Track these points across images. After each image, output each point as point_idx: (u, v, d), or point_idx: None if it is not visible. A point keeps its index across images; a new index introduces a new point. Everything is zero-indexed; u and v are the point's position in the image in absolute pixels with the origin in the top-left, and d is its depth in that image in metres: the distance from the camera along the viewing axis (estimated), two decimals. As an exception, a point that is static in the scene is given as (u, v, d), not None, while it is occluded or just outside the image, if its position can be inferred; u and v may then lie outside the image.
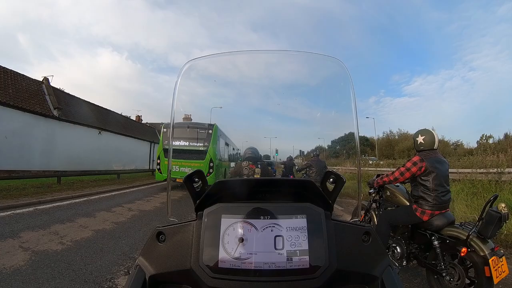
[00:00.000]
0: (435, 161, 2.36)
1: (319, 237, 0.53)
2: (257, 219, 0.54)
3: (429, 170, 2.33)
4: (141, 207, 6.53)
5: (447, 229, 2.28)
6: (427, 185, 2.33)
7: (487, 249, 1.98)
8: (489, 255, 1.95)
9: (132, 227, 4.61)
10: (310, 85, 1.02)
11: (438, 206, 2.32)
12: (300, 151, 6.26)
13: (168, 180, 0.77)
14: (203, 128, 9.20)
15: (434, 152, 2.43)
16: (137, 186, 11.20)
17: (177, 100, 0.69)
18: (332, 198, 0.63)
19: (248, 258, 0.51)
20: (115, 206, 6.53)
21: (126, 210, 6.08)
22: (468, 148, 30.96)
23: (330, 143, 3.43)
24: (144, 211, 6.07)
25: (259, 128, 1.36)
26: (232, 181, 0.66)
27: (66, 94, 15.33)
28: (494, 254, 1.97)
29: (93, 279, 2.57)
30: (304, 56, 0.82)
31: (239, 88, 1.08)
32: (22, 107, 10.82)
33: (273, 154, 2.03)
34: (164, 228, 0.59)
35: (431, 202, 2.32)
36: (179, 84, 0.69)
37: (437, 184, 2.31)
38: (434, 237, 2.33)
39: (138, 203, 7.16)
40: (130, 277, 0.55)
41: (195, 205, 0.61)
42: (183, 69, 0.70)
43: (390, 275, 0.54)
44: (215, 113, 1.44)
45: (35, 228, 4.17)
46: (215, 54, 0.76)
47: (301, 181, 0.68)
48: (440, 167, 2.35)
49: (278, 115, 1.14)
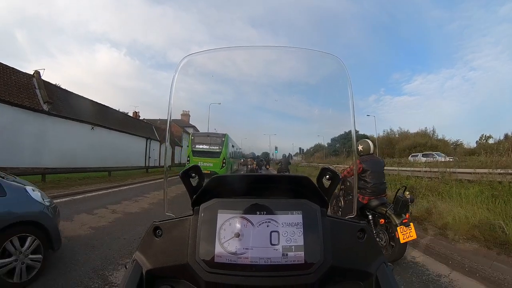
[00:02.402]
0: (371, 162, 3.44)
1: (315, 233, 0.53)
2: (253, 215, 0.54)
3: (365, 170, 3.39)
4: (127, 209, 6.07)
5: (379, 208, 3.33)
6: (366, 180, 3.39)
7: (397, 220, 3.04)
8: (398, 224, 3.01)
9: (111, 233, 4.15)
10: (308, 82, 1.01)
11: (375, 194, 3.37)
12: (300, 149, 6.93)
13: (165, 177, 0.74)
14: (218, 137, 13.48)
15: (371, 155, 3.57)
16: (129, 184, 10.76)
17: (175, 96, 0.68)
18: (328, 195, 0.63)
19: (244, 253, 0.51)
20: (99, 207, 6.06)
21: (109, 213, 5.62)
22: (469, 148, 30.86)
23: (330, 141, 4.36)
24: (129, 214, 5.61)
25: (257, 125, 1.33)
26: (229, 176, 0.64)
27: (60, 88, 14.90)
28: (402, 224, 3.01)
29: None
30: (302, 53, 0.82)
31: (236, 84, 1.07)
32: (10, 101, 10.38)
33: (272, 152, 2.80)
34: (161, 223, 0.59)
35: (368, 191, 3.37)
36: (176, 79, 0.68)
37: (372, 178, 3.36)
38: (369, 213, 3.42)
39: (125, 204, 6.70)
40: (127, 271, 0.55)
41: (191, 200, 0.61)
42: (180, 64, 0.69)
43: (384, 272, 0.55)
44: (213, 110, 1.43)
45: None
46: (212, 50, 0.76)
47: (297, 177, 0.64)
48: (375, 166, 3.43)
49: (276, 112, 1.15)
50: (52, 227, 2.66)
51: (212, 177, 0.61)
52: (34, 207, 2.58)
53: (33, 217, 2.52)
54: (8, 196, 2.35)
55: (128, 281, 0.52)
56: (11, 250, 2.31)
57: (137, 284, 0.52)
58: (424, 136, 33.74)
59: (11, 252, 2.31)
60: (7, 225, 2.28)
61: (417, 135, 34.64)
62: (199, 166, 0.68)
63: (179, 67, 0.69)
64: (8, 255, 2.29)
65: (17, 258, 2.33)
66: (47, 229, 2.60)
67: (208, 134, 13.51)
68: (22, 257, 2.38)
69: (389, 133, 39.81)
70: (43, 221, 2.58)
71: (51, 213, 2.75)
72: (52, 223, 2.69)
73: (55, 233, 2.71)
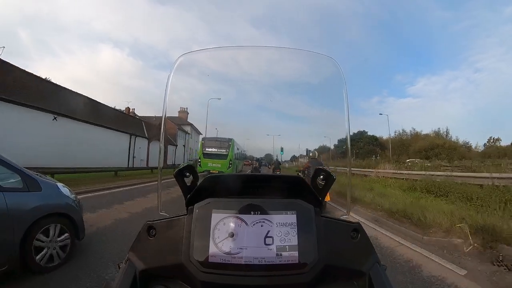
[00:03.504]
0: (313, 162, 5.85)
1: (309, 233, 0.54)
2: (248, 214, 0.54)
3: (309, 166, 5.76)
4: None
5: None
6: (309, 171, 5.51)
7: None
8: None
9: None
10: (304, 82, 1.01)
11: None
12: (307, 150, 7.16)
13: (159, 176, 0.77)
14: (225, 141, 15.21)
15: (315, 159, 5.94)
16: (84, 193, 6.99)
17: (170, 93, 0.68)
18: (322, 195, 0.63)
19: (238, 253, 0.51)
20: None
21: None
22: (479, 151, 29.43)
23: (337, 142, 4.64)
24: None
25: (257, 124, 1.38)
26: (223, 176, 0.65)
27: (27, 73, 11.96)
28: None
29: None
30: (299, 54, 0.82)
31: (233, 83, 1.07)
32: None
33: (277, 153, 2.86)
34: (154, 223, 0.59)
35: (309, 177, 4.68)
36: (172, 77, 0.68)
37: (312, 170, 4.92)
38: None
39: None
40: (121, 271, 0.55)
41: (186, 199, 0.61)
42: (176, 63, 0.69)
43: (377, 271, 0.55)
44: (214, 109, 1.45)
45: None
46: (208, 49, 0.76)
47: (291, 177, 0.67)
48: (315, 165, 5.33)
49: (275, 112, 1.20)
50: (78, 218, 3.01)
51: (206, 176, 0.62)
52: (64, 200, 2.92)
53: (63, 209, 2.86)
54: (43, 191, 2.69)
55: (122, 282, 0.52)
56: (45, 238, 2.65)
57: (130, 284, 0.52)
58: (440, 138, 32.68)
59: (43, 240, 2.64)
60: (43, 215, 2.62)
61: (431, 136, 33.52)
62: (193, 166, 0.68)
63: (175, 66, 0.68)
64: (41, 241, 2.63)
65: (49, 245, 2.67)
66: (75, 220, 2.94)
67: (216, 138, 15.08)
68: (53, 244, 2.72)
69: (401, 134, 38.40)
70: (71, 213, 2.92)
71: (77, 206, 3.09)
72: (78, 215, 3.04)
73: (81, 224, 3.06)
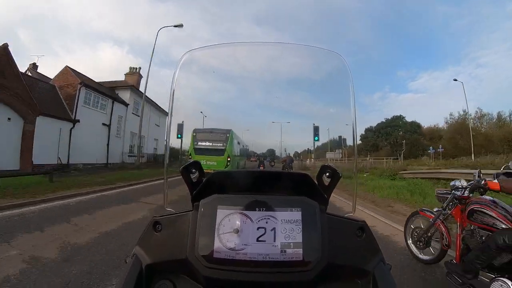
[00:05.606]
0: (289, 159, 5.41)
1: (313, 231, 0.53)
2: (253, 211, 0.54)
3: (286, 160, 5.75)
4: None
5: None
6: (286, 166, 6.24)
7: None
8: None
9: None
10: (310, 79, 1.01)
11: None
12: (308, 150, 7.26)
13: (165, 173, 0.75)
14: (222, 133, 12.04)
15: (289, 156, 4.86)
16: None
17: (176, 90, 0.67)
18: (327, 192, 0.63)
19: (242, 249, 0.51)
20: None
21: None
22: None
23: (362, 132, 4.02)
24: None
25: (259, 121, 1.34)
26: (229, 172, 0.67)
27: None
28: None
29: None
30: (304, 49, 0.82)
31: (237, 80, 1.07)
32: None
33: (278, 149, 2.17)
34: (160, 218, 0.60)
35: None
36: (177, 75, 0.67)
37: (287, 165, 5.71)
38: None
39: None
40: (127, 266, 0.56)
41: (191, 195, 0.61)
42: (181, 60, 0.68)
43: (382, 270, 0.55)
44: (216, 105, 1.38)
45: None
46: (213, 45, 0.76)
47: (297, 174, 0.67)
48: (289, 160, 5.52)
49: (280, 108, 1.17)
50: None
51: (212, 173, 0.62)
52: None
53: None
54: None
55: (128, 276, 0.53)
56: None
57: (136, 278, 0.53)
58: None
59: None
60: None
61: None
62: (199, 162, 0.68)
63: (180, 63, 0.68)
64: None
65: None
66: None
67: (212, 130, 11.84)
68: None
69: (463, 117, 27.31)
70: None
71: None
72: None
73: None
